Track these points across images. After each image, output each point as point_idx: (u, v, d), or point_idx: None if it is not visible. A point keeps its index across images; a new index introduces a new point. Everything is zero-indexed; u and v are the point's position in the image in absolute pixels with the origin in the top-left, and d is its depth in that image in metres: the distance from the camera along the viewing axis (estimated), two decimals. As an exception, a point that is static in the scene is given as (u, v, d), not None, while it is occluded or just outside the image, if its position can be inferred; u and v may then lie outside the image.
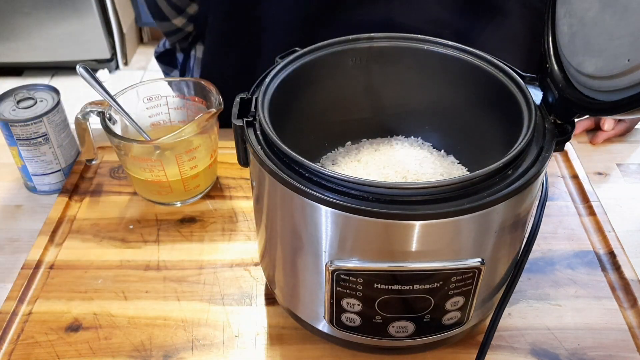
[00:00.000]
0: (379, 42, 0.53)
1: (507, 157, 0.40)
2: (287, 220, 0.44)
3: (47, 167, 0.69)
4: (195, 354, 0.52)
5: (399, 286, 0.42)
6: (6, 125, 0.65)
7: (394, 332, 0.46)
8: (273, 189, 0.43)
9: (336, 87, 0.55)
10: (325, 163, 0.58)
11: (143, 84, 0.68)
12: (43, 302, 0.57)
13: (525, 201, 0.42)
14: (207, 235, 0.64)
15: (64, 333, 0.54)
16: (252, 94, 0.47)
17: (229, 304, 0.57)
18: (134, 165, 0.64)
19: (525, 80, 0.48)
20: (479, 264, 0.42)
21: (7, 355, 0.52)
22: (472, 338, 0.54)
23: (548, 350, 0.53)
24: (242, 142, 0.45)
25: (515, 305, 0.57)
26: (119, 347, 0.53)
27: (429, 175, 0.54)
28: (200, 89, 0.67)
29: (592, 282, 0.59)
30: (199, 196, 0.69)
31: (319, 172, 0.39)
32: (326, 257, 0.43)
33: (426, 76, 0.55)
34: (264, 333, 0.54)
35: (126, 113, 0.65)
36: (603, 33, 0.38)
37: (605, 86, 0.39)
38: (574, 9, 0.42)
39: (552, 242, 0.63)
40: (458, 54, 0.52)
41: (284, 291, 0.51)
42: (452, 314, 0.45)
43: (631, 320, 0.56)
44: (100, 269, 0.61)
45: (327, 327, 0.48)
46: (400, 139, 0.60)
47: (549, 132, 0.44)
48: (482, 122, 0.53)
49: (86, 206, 0.68)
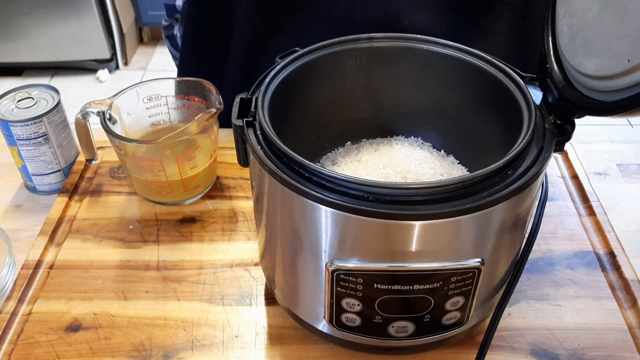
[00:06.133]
0: (379, 42, 0.53)
1: (507, 157, 0.40)
2: (287, 221, 0.44)
3: (47, 167, 0.69)
4: (195, 354, 0.52)
5: (399, 286, 0.42)
6: (6, 125, 0.65)
7: (394, 332, 0.46)
8: (273, 189, 0.43)
9: (336, 87, 0.55)
10: (325, 163, 0.58)
11: (143, 84, 0.68)
12: (43, 302, 0.57)
13: (525, 201, 0.42)
14: (207, 235, 0.64)
15: (64, 333, 0.54)
16: (252, 94, 0.47)
17: (229, 304, 0.57)
18: (134, 165, 0.64)
19: (525, 80, 0.48)
20: (479, 264, 0.42)
21: (7, 355, 0.52)
22: (472, 338, 0.54)
23: (548, 350, 0.53)
24: (242, 142, 0.45)
25: (515, 305, 0.57)
26: (119, 347, 0.53)
27: (429, 175, 0.54)
28: (200, 89, 0.67)
29: (592, 282, 0.59)
30: (199, 196, 0.69)
31: (319, 172, 0.39)
32: (326, 257, 0.43)
33: (426, 76, 0.55)
34: (264, 333, 0.54)
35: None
36: (603, 33, 0.38)
37: (605, 86, 0.39)
38: (574, 9, 0.42)
39: (552, 242, 0.63)
40: (458, 54, 0.52)
41: (284, 291, 0.51)
42: (452, 314, 0.45)
43: (631, 320, 0.56)
44: (100, 269, 0.60)
45: (327, 327, 0.48)
46: (400, 139, 0.60)
47: (549, 132, 0.44)
48: (482, 122, 0.53)
49: (86, 206, 0.68)
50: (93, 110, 0.64)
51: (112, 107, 0.65)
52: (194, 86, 0.68)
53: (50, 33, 2.24)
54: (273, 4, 0.73)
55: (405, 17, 0.71)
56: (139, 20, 2.51)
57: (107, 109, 0.64)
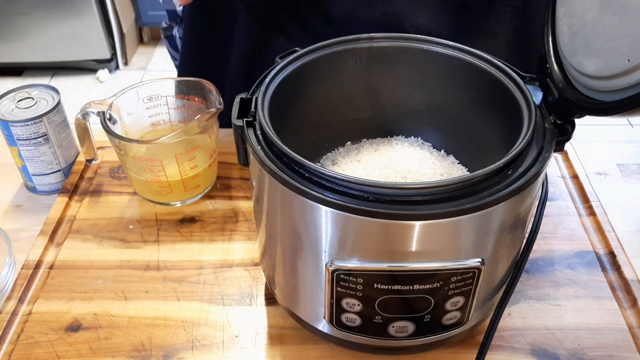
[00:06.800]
0: (379, 42, 0.53)
1: (507, 157, 0.40)
2: (287, 220, 0.44)
3: (47, 167, 0.69)
4: (195, 354, 0.52)
5: (399, 286, 0.42)
6: (6, 125, 0.65)
7: (394, 332, 0.46)
8: (273, 189, 0.43)
9: (336, 87, 0.55)
10: (325, 163, 0.58)
11: (143, 84, 0.68)
12: (43, 302, 0.57)
13: (525, 201, 0.42)
14: (207, 235, 0.64)
15: (64, 333, 0.54)
16: (252, 94, 0.47)
17: (229, 304, 0.57)
18: (134, 165, 0.64)
19: (525, 80, 0.48)
20: (479, 264, 0.42)
21: (7, 355, 0.52)
22: (472, 338, 0.54)
23: (548, 350, 0.53)
24: (242, 142, 0.45)
25: (515, 305, 0.57)
26: (119, 347, 0.53)
27: (429, 175, 0.54)
28: (200, 89, 0.67)
29: (592, 282, 0.59)
30: (199, 196, 0.69)
31: (319, 172, 0.39)
32: (326, 257, 0.43)
33: (426, 76, 0.55)
34: (264, 333, 0.54)
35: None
36: (603, 33, 0.38)
37: (605, 86, 0.39)
38: (574, 9, 0.42)
39: (552, 242, 0.63)
40: (458, 54, 0.52)
41: (284, 291, 0.51)
42: (452, 314, 0.45)
43: (631, 320, 0.56)
44: (100, 269, 0.60)
45: (327, 327, 0.48)
46: (400, 139, 0.60)
47: (549, 132, 0.44)
48: (482, 122, 0.53)
49: (86, 206, 0.68)
50: (93, 110, 0.64)
51: (112, 107, 0.65)
52: (194, 86, 0.68)
53: (50, 33, 2.24)
54: (274, 5, 0.73)
55: (407, 19, 0.71)
56: (139, 20, 2.51)
57: (107, 109, 0.64)
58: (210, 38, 0.80)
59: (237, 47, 0.77)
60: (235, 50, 0.78)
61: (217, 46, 0.80)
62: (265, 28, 0.75)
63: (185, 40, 0.82)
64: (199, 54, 0.83)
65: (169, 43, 0.92)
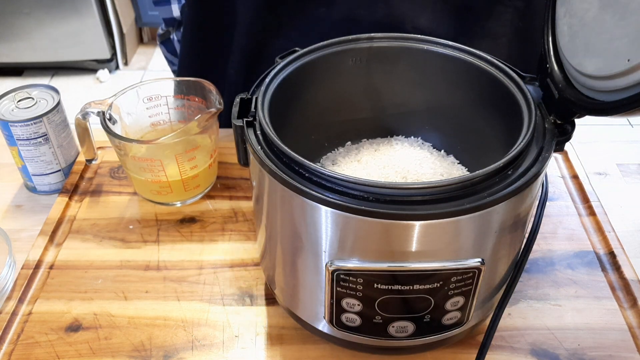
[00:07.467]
0: (379, 42, 0.54)
1: (507, 157, 0.40)
2: (287, 220, 0.44)
3: (47, 167, 0.69)
4: (195, 354, 0.52)
5: (399, 286, 0.42)
6: (6, 125, 0.65)
7: (394, 332, 0.46)
8: (273, 189, 0.43)
9: (336, 87, 0.55)
10: (325, 163, 0.58)
11: (143, 84, 0.68)
12: (43, 302, 0.57)
13: (525, 201, 0.42)
14: (207, 235, 0.64)
15: (64, 333, 0.54)
16: (252, 94, 0.47)
17: (229, 304, 0.57)
18: (134, 165, 0.64)
19: (525, 80, 0.48)
20: (479, 264, 0.42)
21: (7, 355, 0.52)
22: (472, 338, 0.54)
23: (548, 350, 0.53)
24: (242, 142, 0.45)
25: (515, 305, 0.57)
26: (119, 347, 0.53)
27: (429, 175, 0.54)
28: (200, 89, 0.67)
29: (592, 282, 0.59)
30: (199, 196, 0.69)
31: (319, 172, 0.39)
32: (326, 257, 0.43)
33: (426, 76, 0.55)
34: (264, 333, 0.54)
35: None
36: (603, 33, 0.38)
37: (605, 86, 0.39)
38: (574, 9, 0.42)
39: (552, 242, 0.63)
40: (458, 54, 0.52)
41: (284, 291, 0.51)
42: (452, 314, 0.45)
43: (631, 320, 0.56)
44: (100, 269, 0.60)
45: (327, 327, 0.48)
46: (400, 139, 0.60)
47: (549, 132, 0.44)
48: (482, 122, 0.53)
49: (86, 206, 0.68)
50: (93, 110, 0.64)
51: (112, 107, 0.65)
52: (194, 86, 0.68)
53: (50, 33, 2.24)
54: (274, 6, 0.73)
55: (408, 20, 0.71)
56: (139, 20, 2.51)
57: (107, 109, 0.64)
58: (210, 38, 0.80)
59: (237, 48, 0.77)
60: (235, 51, 0.78)
61: (217, 46, 0.80)
62: (266, 28, 0.75)
63: (185, 40, 0.82)
64: (199, 54, 0.83)
65: (166, 48, 0.92)
